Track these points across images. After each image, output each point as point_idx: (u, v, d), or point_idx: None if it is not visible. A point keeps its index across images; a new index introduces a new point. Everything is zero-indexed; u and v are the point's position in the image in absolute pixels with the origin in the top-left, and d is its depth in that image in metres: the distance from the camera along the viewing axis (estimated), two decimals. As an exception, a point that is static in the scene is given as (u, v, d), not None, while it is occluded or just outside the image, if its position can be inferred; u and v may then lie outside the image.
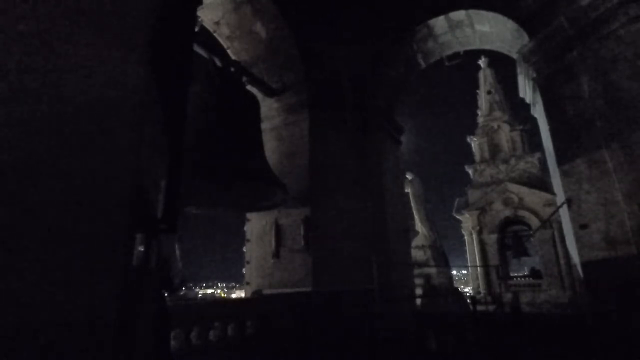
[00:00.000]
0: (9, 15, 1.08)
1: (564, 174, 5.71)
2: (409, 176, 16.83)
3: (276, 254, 6.70)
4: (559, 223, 12.80)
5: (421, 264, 15.44)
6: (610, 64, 5.26)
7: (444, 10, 7.66)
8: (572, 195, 5.54)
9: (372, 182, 7.91)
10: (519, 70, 7.38)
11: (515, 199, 17.73)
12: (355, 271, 6.65)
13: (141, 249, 1.54)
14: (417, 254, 15.59)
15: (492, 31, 7.73)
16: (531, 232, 17.15)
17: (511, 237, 17.97)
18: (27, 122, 1.05)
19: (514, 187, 17.88)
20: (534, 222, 16.98)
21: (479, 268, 17.74)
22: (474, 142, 20.92)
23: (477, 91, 21.88)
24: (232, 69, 6.21)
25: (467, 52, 8.93)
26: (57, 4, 1.18)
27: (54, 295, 0.99)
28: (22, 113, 1.05)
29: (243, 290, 7.38)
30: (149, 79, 1.41)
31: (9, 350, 0.89)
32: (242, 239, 7.32)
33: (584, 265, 5.29)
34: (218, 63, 6.06)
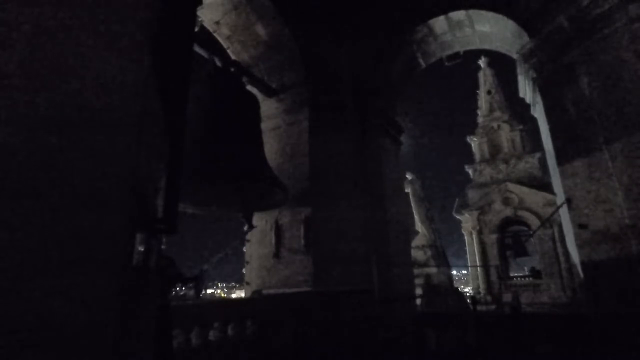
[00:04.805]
0: (8, 17, 1.08)
1: (564, 174, 5.71)
2: (409, 176, 16.82)
3: (276, 254, 6.69)
4: (559, 223, 12.79)
5: (421, 264, 15.43)
6: (610, 64, 5.26)
7: (444, 10, 7.67)
8: (572, 195, 5.54)
9: (372, 182, 7.91)
10: (519, 70, 7.38)
11: (515, 199, 17.73)
12: (356, 271, 6.65)
13: (141, 249, 1.54)
14: (417, 254, 15.57)
15: (492, 31, 7.73)
16: (531, 232, 17.15)
17: (511, 237, 17.96)
18: (26, 123, 1.05)
19: (514, 187, 17.88)
20: (534, 222, 16.97)
21: (479, 268, 17.75)
22: (474, 142, 20.92)
23: (477, 91, 21.88)
24: (232, 69, 6.22)
25: (467, 52, 8.93)
26: (56, 4, 1.18)
27: (53, 295, 0.99)
28: (21, 114, 1.05)
29: (243, 290, 7.38)
30: (148, 79, 1.41)
31: (4, 353, 0.89)
32: (242, 239, 7.31)
33: (584, 264, 5.29)
34: (218, 63, 6.06)
